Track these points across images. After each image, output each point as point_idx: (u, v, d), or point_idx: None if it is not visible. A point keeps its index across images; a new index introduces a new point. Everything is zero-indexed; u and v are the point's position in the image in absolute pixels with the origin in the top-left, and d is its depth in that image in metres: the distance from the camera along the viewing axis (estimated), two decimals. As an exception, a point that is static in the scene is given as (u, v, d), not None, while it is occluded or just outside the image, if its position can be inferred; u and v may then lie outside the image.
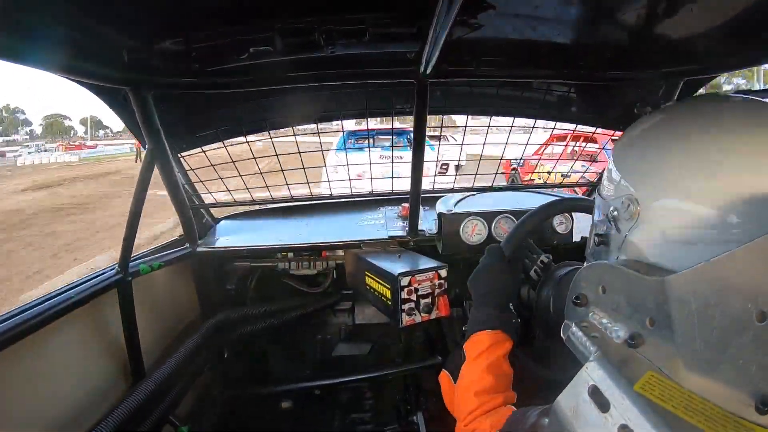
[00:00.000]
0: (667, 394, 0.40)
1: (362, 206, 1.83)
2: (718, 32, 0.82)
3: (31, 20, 0.63)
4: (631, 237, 0.48)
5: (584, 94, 1.43)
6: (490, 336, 0.78)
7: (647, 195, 0.47)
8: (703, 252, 0.39)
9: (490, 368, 0.74)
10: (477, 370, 0.74)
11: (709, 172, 0.42)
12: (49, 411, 0.90)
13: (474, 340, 0.80)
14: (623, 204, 0.49)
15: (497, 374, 0.73)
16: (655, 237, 0.46)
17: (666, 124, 0.51)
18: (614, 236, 0.51)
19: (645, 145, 0.51)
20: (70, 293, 0.95)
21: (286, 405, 1.64)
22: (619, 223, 0.50)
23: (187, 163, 1.44)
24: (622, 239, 0.50)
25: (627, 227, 0.49)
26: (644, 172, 0.49)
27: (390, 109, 1.47)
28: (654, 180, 0.47)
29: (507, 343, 0.78)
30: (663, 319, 0.42)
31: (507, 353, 0.77)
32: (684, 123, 0.49)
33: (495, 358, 0.75)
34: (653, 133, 0.52)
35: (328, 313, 1.67)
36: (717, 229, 0.40)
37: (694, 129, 0.47)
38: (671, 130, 0.50)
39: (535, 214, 0.96)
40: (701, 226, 0.41)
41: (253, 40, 0.87)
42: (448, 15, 0.68)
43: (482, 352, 0.76)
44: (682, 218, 0.43)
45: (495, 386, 0.71)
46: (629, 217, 0.48)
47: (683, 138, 0.47)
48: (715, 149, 0.43)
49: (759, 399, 0.34)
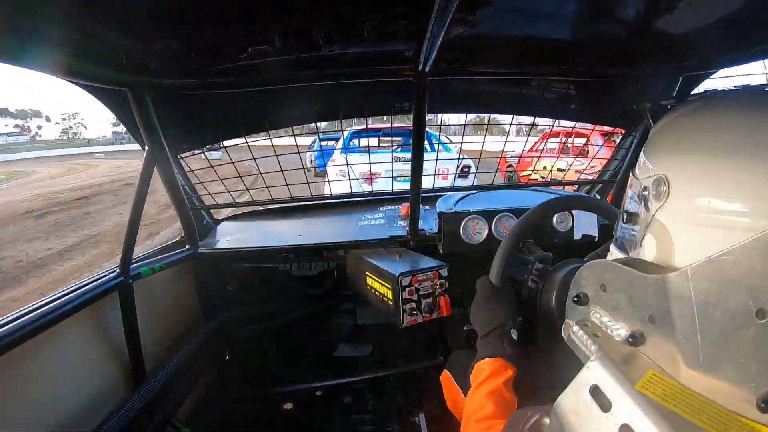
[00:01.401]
0: (669, 392, 0.39)
1: (362, 206, 1.83)
2: (717, 28, 0.82)
3: (30, 22, 0.63)
4: (659, 216, 0.48)
5: (583, 91, 1.42)
6: (490, 364, 0.79)
7: (679, 176, 0.46)
8: (727, 238, 0.38)
9: (490, 395, 0.74)
10: (478, 398, 0.75)
11: (742, 161, 0.42)
12: (51, 413, 0.90)
13: (476, 369, 0.81)
14: (654, 183, 0.49)
15: (498, 401, 0.73)
16: (681, 218, 0.45)
17: (707, 110, 0.51)
18: (643, 215, 0.51)
19: (685, 127, 0.51)
20: (72, 296, 0.95)
21: (287, 406, 1.64)
22: (648, 202, 0.50)
23: (187, 165, 1.44)
24: (651, 217, 0.49)
25: (656, 206, 0.48)
26: (679, 154, 0.49)
27: (389, 107, 1.46)
28: (686, 163, 0.47)
29: (508, 370, 0.78)
30: (664, 317, 0.42)
31: (509, 380, 0.77)
32: (724, 111, 0.49)
33: (495, 385, 0.75)
34: (693, 118, 0.51)
35: (329, 314, 1.67)
36: (746, 218, 0.39)
37: (736, 118, 0.47)
38: (712, 118, 0.49)
39: (513, 234, 0.97)
40: (729, 212, 0.40)
41: (252, 40, 0.87)
42: (446, 12, 0.68)
43: (483, 380, 0.77)
44: (710, 203, 0.42)
45: (495, 413, 0.71)
46: (659, 196, 0.48)
47: (722, 125, 0.47)
48: (751, 139, 0.43)
49: (760, 397, 0.33)
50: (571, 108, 1.52)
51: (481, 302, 0.92)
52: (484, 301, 0.91)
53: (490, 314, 0.88)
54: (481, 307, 0.91)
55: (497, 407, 0.72)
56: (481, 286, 0.94)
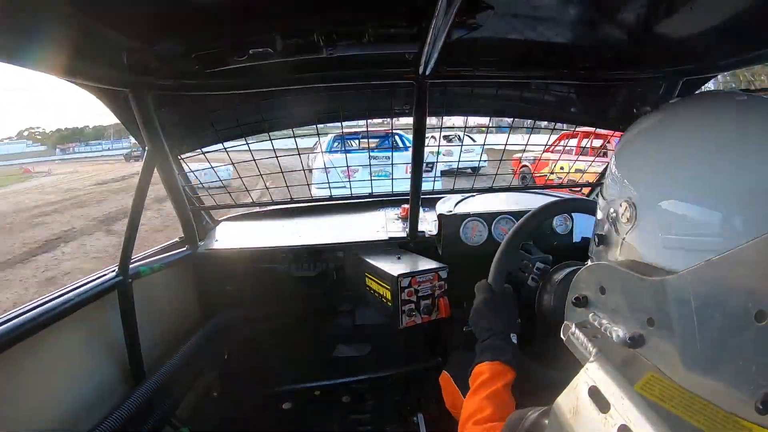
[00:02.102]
0: (668, 394, 0.39)
1: (362, 207, 1.83)
2: (717, 32, 0.82)
3: (32, 22, 0.63)
4: (629, 239, 0.48)
5: (584, 95, 1.43)
6: (489, 367, 0.80)
7: (645, 198, 0.47)
8: (700, 257, 0.39)
9: (489, 398, 0.74)
10: (476, 400, 0.75)
11: (707, 173, 0.42)
12: (50, 412, 0.90)
13: (475, 372, 0.82)
14: (622, 206, 0.49)
15: (497, 404, 0.73)
16: (652, 240, 0.45)
17: (663, 124, 0.51)
18: (613, 237, 0.51)
19: (643, 147, 0.51)
20: (71, 295, 0.95)
21: (286, 406, 1.64)
22: (618, 225, 0.50)
23: (187, 165, 1.44)
24: (621, 241, 0.50)
25: (625, 229, 0.49)
26: (642, 174, 0.49)
27: (389, 110, 1.47)
28: (652, 183, 0.47)
29: (508, 374, 0.79)
30: (663, 319, 0.42)
31: (508, 384, 0.77)
32: (682, 122, 0.49)
33: (494, 388, 0.76)
34: (651, 134, 0.51)
35: (328, 314, 1.66)
36: (716, 234, 0.39)
37: (691, 128, 0.47)
38: (669, 130, 0.49)
39: (513, 237, 0.97)
40: (698, 231, 0.41)
41: (253, 42, 0.87)
42: (447, 16, 0.68)
43: (482, 383, 0.78)
44: (679, 223, 0.43)
45: (493, 415, 0.71)
46: (627, 220, 0.48)
47: (681, 138, 0.47)
48: (714, 148, 0.43)
49: (759, 399, 0.33)
50: (572, 111, 1.53)
51: (480, 307, 0.92)
52: (482, 305, 0.92)
53: (489, 319, 0.88)
54: (480, 312, 0.91)
55: (496, 409, 0.72)
56: (480, 291, 0.95)
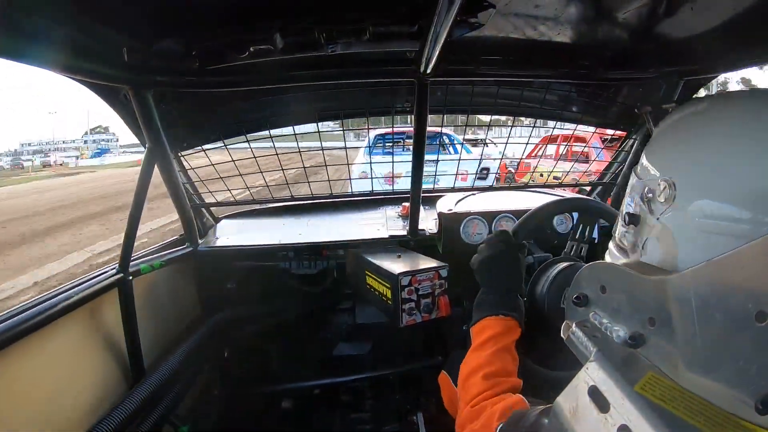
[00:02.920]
0: (668, 394, 0.39)
1: (363, 206, 1.83)
2: (718, 32, 0.82)
3: (32, 19, 0.63)
4: (664, 220, 0.47)
5: (585, 94, 1.43)
6: (501, 322, 0.77)
7: (688, 181, 0.45)
8: (732, 245, 0.38)
9: (499, 353, 0.72)
10: (486, 354, 0.72)
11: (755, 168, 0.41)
12: (49, 410, 0.90)
13: (483, 324, 0.78)
14: (660, 186, 0.47)
15: (506, 360, 0.71)
16: (688, 224, 0.44)
17: (715, 111, 0.49)
18: (646, 217, 0.50)
19: (691, 130, 0.50)
20: (71, 293, 0.95)
21: (286, 404, 1.64)
22: (653, 204, 0.48)
23: (187, 162, 1.44)
24: (654, 221, 0.48)
25: (660, 210, 0.47)
26: (687, 158, 0.47)
27: (390, 108, 1.47)
28: (698, 168, 0.45)
29: (517, 330, 0.77)
30: (664, 319, 0.42)
31: (515, 340, 0.76)
32: (734, 113, 0.48)
33: (504, 344, 0.73)
34: (701, 119, 0.50)
35: (328, 312, 1.67)
36: (752, 226, 0.39)
37: (748, 121, 0.45)
38: (720, 119, 0.48)
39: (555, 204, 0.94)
40: (737, 220, 0.40)
41: (254, 39, 0.87)
42: (448, 14, 0.68)
43: (492, 337, 0.74)
44: (719, 210, 0.41)
45: (504, 370, 0.69)
46: (665, 200, 0.47)
47: (732, 128, 0.46)
48: (755, 144, 0.42)
49: (759, 400, 0.33)
50: (573, 110, 1.53)
51: (497, 257, 0.84)
52: (501, 255, 0.84)
53: (507, 268, 0.83)
54: (496, 262, 0.84)
55: (506, 365, 0.69)
56: (502, 238, 0.87)
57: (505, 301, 0.80)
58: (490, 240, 0.89)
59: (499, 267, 0.84)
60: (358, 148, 4.45)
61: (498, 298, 0.80)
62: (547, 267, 0.96)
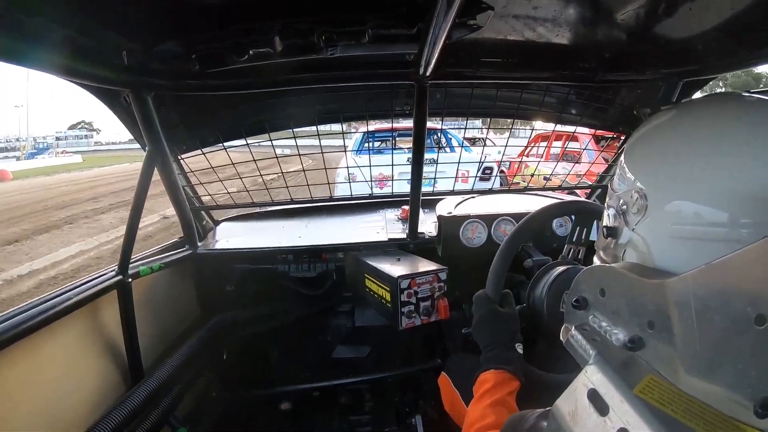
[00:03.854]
0: (667, 397, 0.39)
1: (362, 208, 1.83)
2: (717, 33, 0.82)
3: (32, 22, 0.64)
4: (639, 230, 0.48)
5: (584, 96, 1.43)
6: (495, 375, 0.79)
7: (657, 190, 0.47)
8: (710, 250, 0.39)
9: (493, 405, 0.74)
10: (480, 408, 0.75)
11: (719, 171, 0.42)
12: (48, 412, 0.90)
13: (480, 379, 0.81)
14: (632, 198, 0.49)
15: (501, 412, 0.72)
16: (662, 232, 0.45)
17: (680, 120, 0.51)
18: (622, 229, 0.51)
19: (658, 141, 0.51)
20: (70, 294, 0.95)
21: (285, 407, 1.64)
22: (627, 217, 0.50)
23: (187, 165, 1.44)
24: (630, 232, 0.50)
25: (635, 221, 0.49)
26: (655, 168, 0.49)
27: (390, 111, 1.47)
28: (664, 176, 0.47)
29: (513, 382, 0.78)
30: (663, 322, 0.42)
31: (513, 393, 0.77)
32: (698, 120, 0.49)
33: (500, 396, 0.75)
34: (667, 129, 0.52)
35: (327, 315, 1.66)
36: (726, 229, 0.40)
37: (708, 126, 0.47)
38: (685, 127, 0.49)
39: (507, 245, 0.96)
40: (709, 224, 0.41)
41: (253, 42, 0.87)
42: (447, 17, 0.68)
43: (487, 391, 0.77)
44: (690, 216, 0.43)
45: (497, 423, 0.70)
46: (637, 211, 0.48)
47: (696, 135, 0.47)
48: (728, 147, 0.43)
49: (758, 403, 0.33)
50: (572, 113, 1.53)
51: (481, 320, 0.90)
52: (484, 318, 0.90)
53: (492, 331, 0.87)
54: (482, 325, 0.90)
55: (499, 417, 0.71)
56: (479, 303, 0.93)
57: (497, 355, 0.83)
58: (473, 306, 0.94)
59: (485, 327, 0.89)
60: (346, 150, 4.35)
61: (491, 355, 0.84)
62: (546, 270, 0.96)
